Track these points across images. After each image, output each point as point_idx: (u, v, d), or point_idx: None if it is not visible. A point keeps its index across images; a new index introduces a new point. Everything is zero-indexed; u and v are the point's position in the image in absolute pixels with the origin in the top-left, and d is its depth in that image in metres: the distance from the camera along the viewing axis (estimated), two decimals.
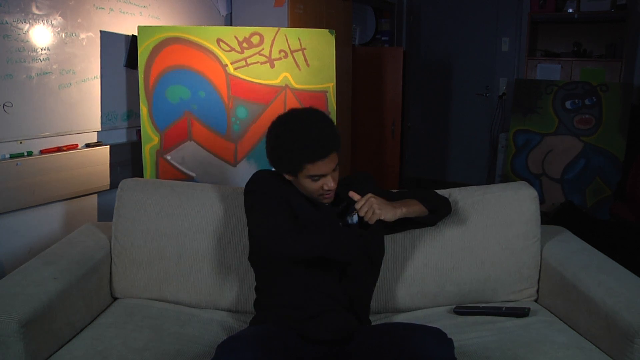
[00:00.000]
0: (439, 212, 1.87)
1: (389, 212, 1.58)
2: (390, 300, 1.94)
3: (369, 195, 1.59)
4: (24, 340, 1.47)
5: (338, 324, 1.59)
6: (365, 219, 1.57)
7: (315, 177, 1.58)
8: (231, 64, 2.63)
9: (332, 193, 1.64)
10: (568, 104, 4.07)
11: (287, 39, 2.69)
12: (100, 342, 1.63)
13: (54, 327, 1.61)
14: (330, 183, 1.60)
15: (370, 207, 1.56)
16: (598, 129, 3.99)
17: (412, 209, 1.72)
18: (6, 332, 1.45)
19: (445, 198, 1.93)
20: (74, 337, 1.69)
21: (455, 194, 2.03)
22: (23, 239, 2.38)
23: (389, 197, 1.81)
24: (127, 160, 2.77)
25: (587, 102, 4.03)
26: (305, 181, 1.60)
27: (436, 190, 1.98)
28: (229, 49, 2.63)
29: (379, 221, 1.60)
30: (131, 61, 2.69)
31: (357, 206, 1.57)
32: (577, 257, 1.93)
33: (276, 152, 1.60)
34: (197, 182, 2.59)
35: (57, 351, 1.60)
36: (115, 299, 1.99)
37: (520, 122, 4.17)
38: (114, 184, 2.64)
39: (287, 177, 1.65)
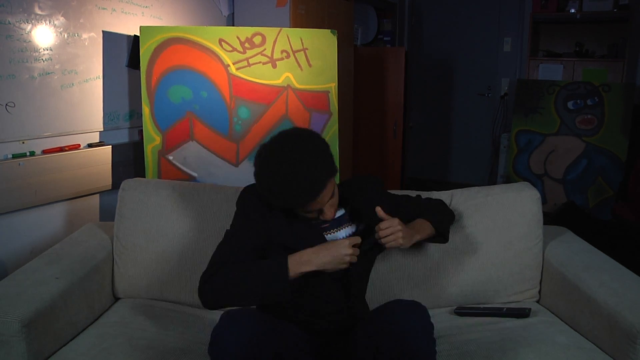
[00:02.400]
0: (445, 235, 1.79)
1: (408, 242, 1.56)
2: None
3: (397, 221, 1.52)
4: (26, 340, 1.47)
5: (336, 320, 1.61)
6: (384, 243, 1.52)
7: (308, 212, 1.51)
8: (233, 64, 2.64)
9: (332, 215, 1.56)
10: (570, 104, 4.07)
11: (289, 39, 2.69)
12: (105, 339, 1.63)
13: (56, 326, 1.61)
14: (327, 214, 1.52)
15: (396, 236, 1.51)
16: (600, 129, 3.99)
17: (425, 234, 1.68)
18: (8, 331, 1.46)
19: (452, 213, 1.88)
20: (76, 336, 1.69)
21: (458, 195, 2.02)
22: (25, 238, 2.38)
23: (394, 201, 1.77)
24: (129, 160, 2.77)
25: (589, 102, 4.02)
26: (298, 211, 1.53)
27: (440, 198, 1.95)
28: (231, 49, 2.63)
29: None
30: (133, 61, 2.69)
31: (383, 226, 1.51)
32: (579, 257, 1.92)
33: (263, 192, 1.47)
34: (199, 182, 2.60)
35: (60, 349, 1.61)
36: (117, 299, 2.00)
37: (522, 123, 4.17)
38: (116, 184, 2.64)
39: None
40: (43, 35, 2.33)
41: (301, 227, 1.59)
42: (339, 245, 1.48)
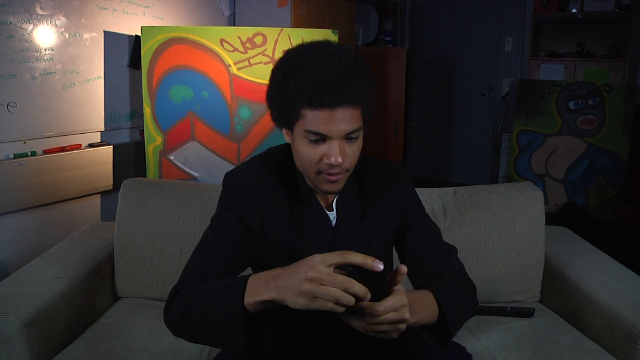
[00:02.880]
0: (446, 337, 1.13)
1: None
2: None
3: (406, 302, 0.96)
4: (27, 340, 1.47)
5: (339, 338, 1.26)
6: (368, 331, 0.95)
7: (314, 137, 1.08)
8: (234, 64, 2.64)
9: (339, 176, 1.12)
10: (571, 105, 4.06)
11: (290, 39, 2.69)
12: (101, 343, 1.63)
13: (57, 326, 1.61)
14: (332, 156, 1.07)
15: (395, 329, 0.95)
16: (601, 129, 3.98)
17: (420, 317, 1.07)
18: (10, 331, 1.45)
19: (474, 307, 1.26)
20: (76, 337, 1.69)
21: (461, 193, 2.02)
22: (27, 238, 2.38)
23: (415, 216, 1.31)
24: (130, 160, 2.77)
25: (590, 102, 4.02)
26: (301, 142, 1.10)
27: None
28: (232, 49, 2.63)
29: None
30: (134, 61, 2.69)
31: (388, 305, 0.92)
32: (580, 257, 1.92)
33: (273, 87, 1.13)
34: (200, 182, 2.59)
35: (58, 352, 1.60)
36: (117, 298, 2.00)
37: (523, 123, 4.17)
38: (117, 184, 2.64)
39: (286, 137, 1.18)
40: (44, 35, 2.33)
41: (306, 215, 1.20)
42: (301, 265, 0.92)
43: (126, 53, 2.70)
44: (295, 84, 1.05)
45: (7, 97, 2.22)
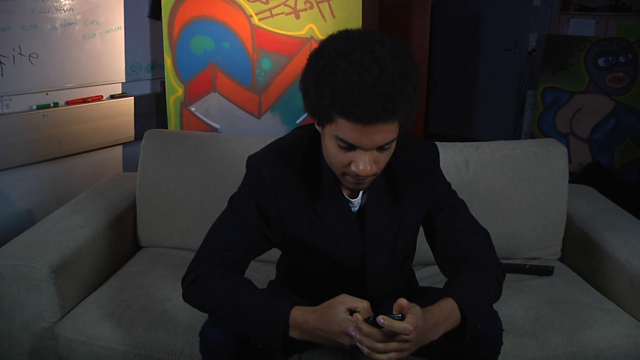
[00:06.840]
0: (466, 334, 1.10)
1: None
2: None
3: (413, 330, 0.99)
4: (55, 285, 1.52)
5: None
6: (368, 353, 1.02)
7: (344, 145, 1.04)
8: (256, 14, 2.59)
9: (365, 180, 1.10)
10: (601, 61, 3.94)
11: None
12: (125, 291, 1.67)
13: (82, 273, 1.66)
14: (361, 164, 1.04)
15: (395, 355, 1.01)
16: (632, 87, 3.87)
17: (442, 330, 1.08)
18: (38, 276, 1.50)
19: (498, 292, 1.23)
20: (100, 284, 1.73)
21: (484, 147, 1.98)
22: (51, 188, 2.43)
23: (440, 197, 1.29)
24: (151, 111, 2.78)
25: (621, 59, 3.89)
26: (330, 144, 1.07)
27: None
28: None
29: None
30: (155, 11, 2.66)
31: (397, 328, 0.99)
32: (603, 216, 1.90)
33: (308, 81, 1.06)
34: (221, 133, 2.60)
35: (85, 298, 1.65)
36: (140, 247, 2.03)
37: (549, 79, 4.06)
38: (138, 135, 2.66)
39: (316, 125, 1.14)
40: None
41: (327, 209, 1.19)
42: (333, 319, 1.03)
43: (146, 3, 2.67)
44: (332, 90, 0.98)
45: (28, 48, 2.22)
